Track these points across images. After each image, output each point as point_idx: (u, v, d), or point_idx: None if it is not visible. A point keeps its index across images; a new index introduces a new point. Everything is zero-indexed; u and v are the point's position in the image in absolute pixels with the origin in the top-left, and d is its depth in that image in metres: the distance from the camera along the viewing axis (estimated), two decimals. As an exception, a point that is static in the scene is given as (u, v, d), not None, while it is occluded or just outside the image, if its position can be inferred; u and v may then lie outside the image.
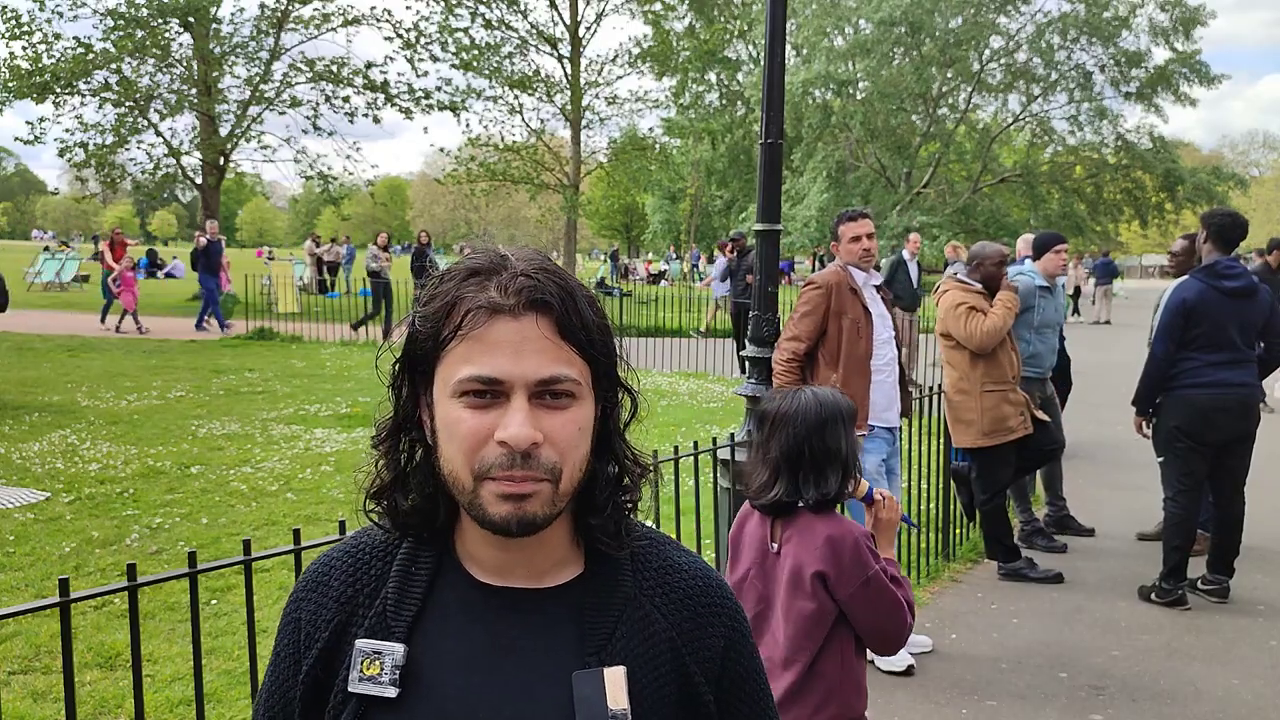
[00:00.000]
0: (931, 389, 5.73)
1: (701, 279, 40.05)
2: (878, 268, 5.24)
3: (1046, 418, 5.75)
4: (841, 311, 4.32)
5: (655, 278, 40.21)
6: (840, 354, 4.31)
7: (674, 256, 50.40)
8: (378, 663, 1.02)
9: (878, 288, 4.56)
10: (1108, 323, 24.66)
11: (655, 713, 1.02)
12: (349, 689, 1.03)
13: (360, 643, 1.04)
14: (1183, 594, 5.22)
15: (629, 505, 1.08)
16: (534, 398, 0.97)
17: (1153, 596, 5.27)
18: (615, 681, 1.00)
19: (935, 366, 5.96)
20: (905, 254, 12.70)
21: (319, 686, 1.07)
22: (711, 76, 45.19)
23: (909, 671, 4.29)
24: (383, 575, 1.08)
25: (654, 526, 1.21)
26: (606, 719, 0.99)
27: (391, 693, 1.01)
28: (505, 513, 0.97)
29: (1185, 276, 5.33)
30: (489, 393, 0.96)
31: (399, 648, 1.02)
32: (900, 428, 4.55)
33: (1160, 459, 5.36)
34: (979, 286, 5.44)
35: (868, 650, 4.37)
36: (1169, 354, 5.21)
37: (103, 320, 17.91)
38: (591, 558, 1.08)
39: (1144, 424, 5.46)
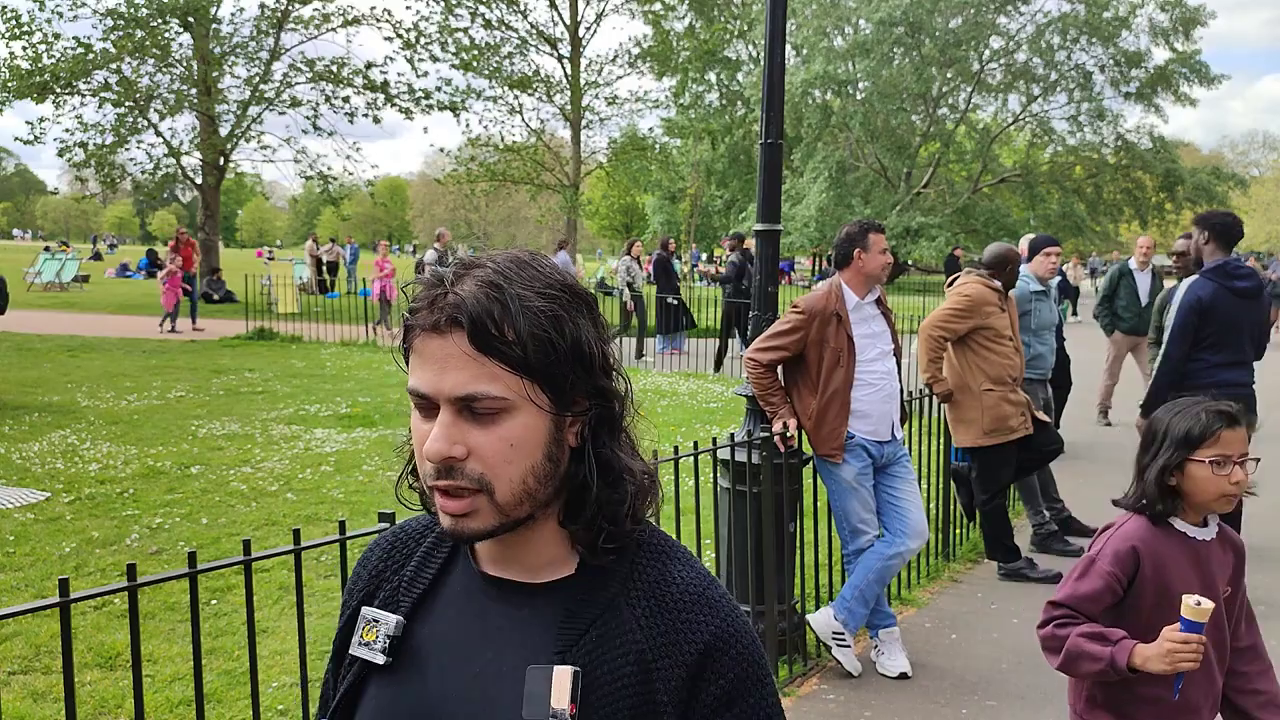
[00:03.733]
0: (923, 391, 5.73)
1: (702, 279, 40.01)
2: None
3: (1047, 418, 5.76)
4: (822, 341, 4.25)
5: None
6: (819, 383, 4.28)
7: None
8: (375, 630, 1.09)
9: (877, 300, 4.49)
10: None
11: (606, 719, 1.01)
12: (351, 651, 1.11)
13: (365, 609, 1.12)
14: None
15: (618, 514, 1.06)
16: (463, 411, 1.00)
17: None
18: (561, 681, 1.00)
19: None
20: (1133, 263, 9.69)
21: (343, 648, 1.15)
22: (711, 76, 45.22)
23: (903, 677, 4.29)
24: (411, 555, 1.16)
25: (673, 536, 1.20)
26: (547, 717, 0.99)
27: (380, 659, 1.08)
28: (446, 526, 1.03)
29: (1195, 277, 5.29)
30: (428, 405, 1.02)
31: (394, 619, 1.09)
32: (898, 438, 4.48)
33: None
34: (998, 284, 5.52)
35: (875, 653, 4.39)
36: (1185, 355, 5.15)
37: (193, 323, 18.08)
38: (584, 560, 1.09)
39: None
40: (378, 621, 1.09)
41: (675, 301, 15.79)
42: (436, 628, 1.09)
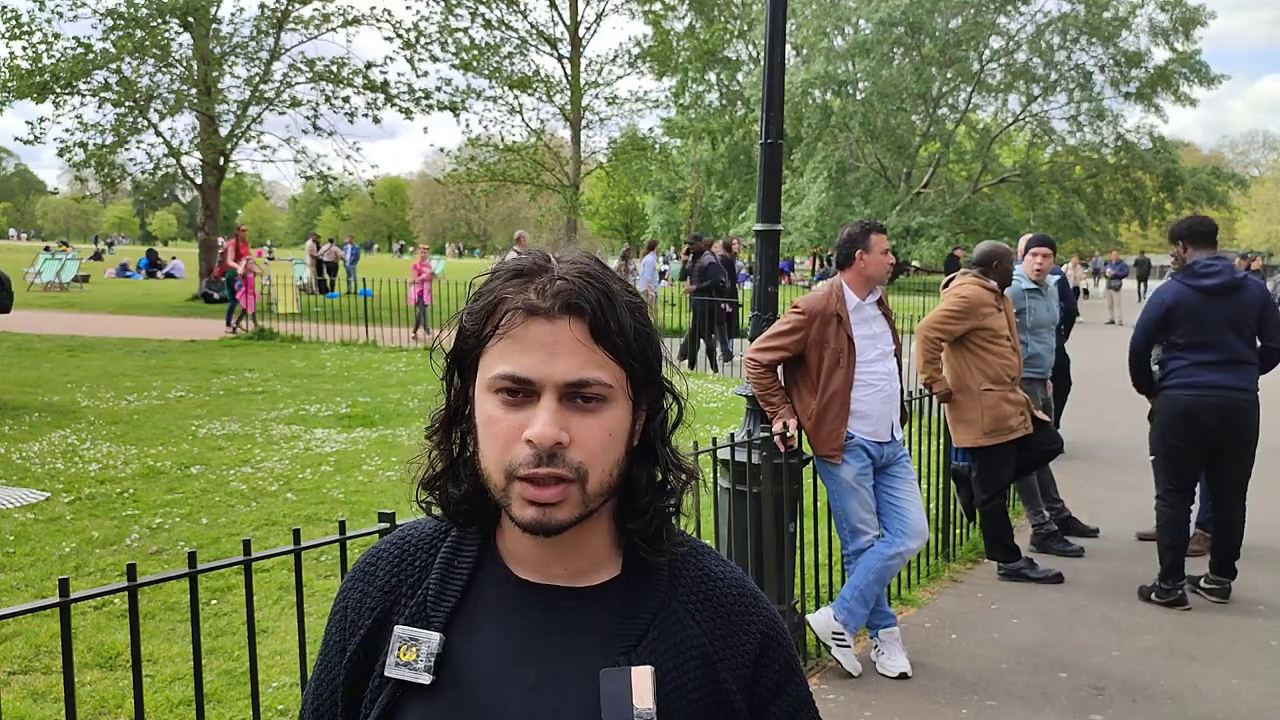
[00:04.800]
0: (923, 392, 5.73)
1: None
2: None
3: (1046, 418, 5.76)
4: (823, 341, 4.24)
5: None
6: (819, 383, 4.28)
7: (673, 256, 50.36)
8: (414, 649, 1.05)
9: (878, 301, 4.48)
10: (1112, 323, 24.66)
11: (681, 715, 1.03)
12: (386, 673, 1.06)
13: (399, 629, 1.07)
14: (1183, 594, 5.22)
15: (670, 510, 1.09)
16: (565, 399, 0.99)
17: (1152, 596, 5.27)
18: (642, 681, 1.01)
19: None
20: None
21: (360, 671, 1.10)
22: (711, 76, 45.24)
23: (903, 677, 4.29)
24: (427, 566, 1.11)
25: (695, 535, 1.20)
26: (631, 717, 1.00)
27: (426, 679, 1.04)
28: (531, 516, 1.00)
29: (1166, 279, 5.41)
30: (521, 391, 0.99)
31: (436, 636, 1.05)
32: (898, 439, 4.48)
33: (1151, 458, 5.38)
34: (993, 284, 5.49)
35: (875, 653, 4.39)
36: (1142, 352, 5.37)
37: (229, 324, 17.33)
38: (629, 561, 1.10)
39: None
40: (417, 640, 1.05)
41: (732, 308, 14.94)
42: (479, 640, 1.06)
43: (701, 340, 14.78)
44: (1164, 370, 5.27)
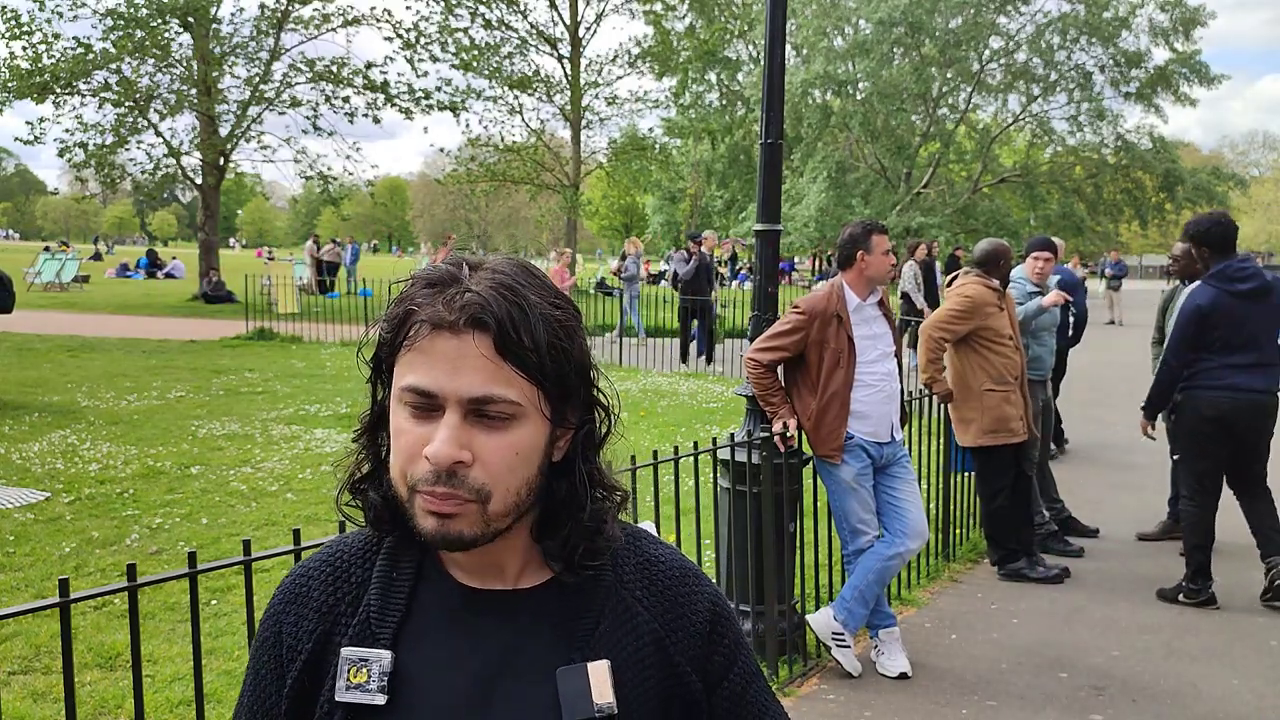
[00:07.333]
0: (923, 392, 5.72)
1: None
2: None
3: (1037, 433, 5.76)
4: (823, 341, 4.25)
5: (655, 278, 40.15)
6: (819, 383, 4.28)
7: (673, 256, 50.29)
8: (364, 670, 1.01)
9: (879, 302, 4.48)
10: (1112, 323, 24.63)
11: (642, 705, 1.02)
12: (336, 698, 1.01)
13: (346, 650, 1.03)
14: (1212, 594, 5.19)
15: (592, 530, 1.04)
16: (470, 415, 0.96)
17: (1180, 598, 5.24)
18: (599, 675, 1.00)
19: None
20: None
21: (304, 698, 1.05)
22: (711, 76, 45.22)
23: (903, 677, 4.29)
24: (364, 581, 1.07)
25: (672, 536, 1.20)
26: (593, 714, 0.99)
27: (380, 700, 1.00)
28: (430, 528, 0.98)
29: (1198, 283, 5.26)
30: (427, 404, 0.97)
31: (386, 654, 1.02)
32: (898, 439, 4.47)
33: (1175, 458, 5.34)
34: (996, 283, 5.49)
35: (875, 653, 4.38)
36: (1184, 363, 5.18)
37: None
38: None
39: (1149, 426, 5.48)
40: (366, 660, 1.01)
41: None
42: (427, 654, 1.03)
43: (702, 338, 14.86)
44: (1189, 370, 5.19)
